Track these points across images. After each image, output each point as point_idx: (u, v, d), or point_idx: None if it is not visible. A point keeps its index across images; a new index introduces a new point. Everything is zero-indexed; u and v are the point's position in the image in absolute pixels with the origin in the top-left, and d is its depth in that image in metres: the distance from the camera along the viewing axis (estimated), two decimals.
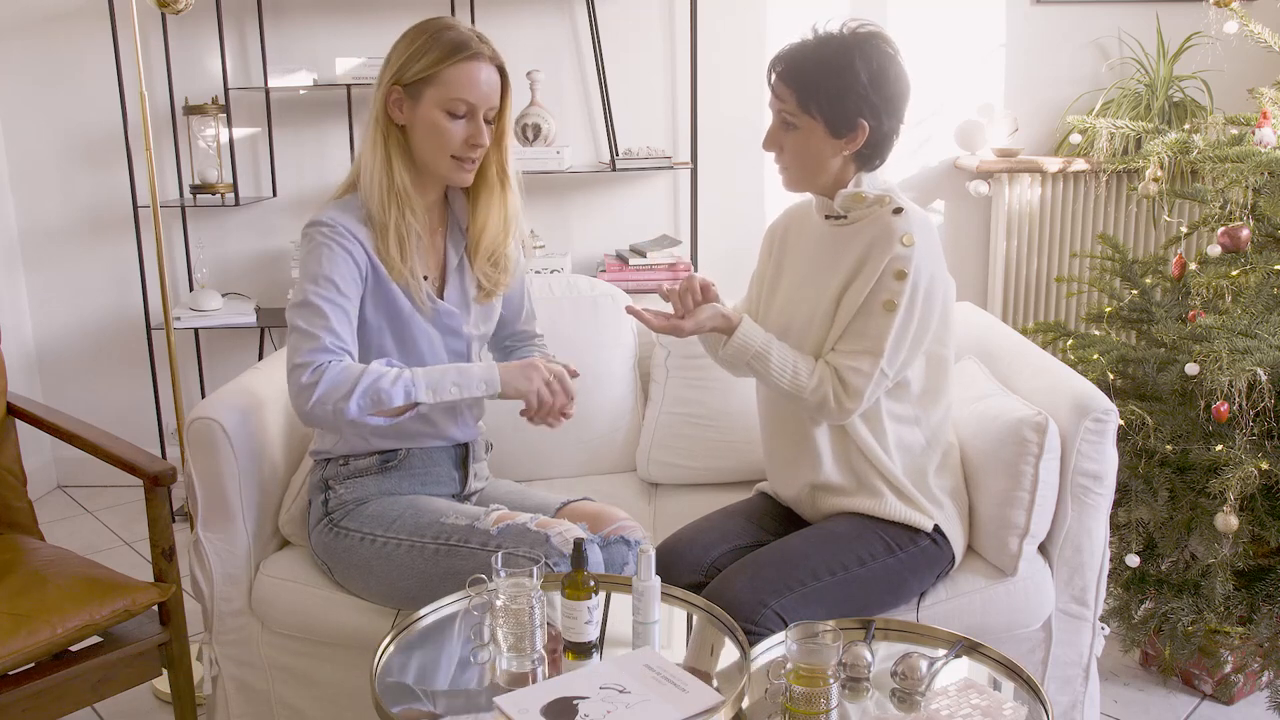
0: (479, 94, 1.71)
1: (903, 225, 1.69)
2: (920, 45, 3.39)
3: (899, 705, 1.41)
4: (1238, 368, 1.91)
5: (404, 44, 1.73)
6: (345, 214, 1.74)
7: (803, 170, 1.74)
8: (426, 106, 1.70)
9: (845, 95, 1.66)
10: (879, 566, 1.72)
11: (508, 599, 1.43)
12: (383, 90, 1.72)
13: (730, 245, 3.48)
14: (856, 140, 1.69)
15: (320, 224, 1.72)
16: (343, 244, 1.70)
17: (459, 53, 1.69)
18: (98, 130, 3.41)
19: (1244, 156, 2.19)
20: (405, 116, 1.72)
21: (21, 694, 1.69)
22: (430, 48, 1.69)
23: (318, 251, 1.70)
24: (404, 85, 1.71)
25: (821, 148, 1.70)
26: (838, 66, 1.66)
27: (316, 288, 1.68)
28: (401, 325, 1.78)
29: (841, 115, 1.67)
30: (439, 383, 1.68)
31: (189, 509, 1.91)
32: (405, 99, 1.72)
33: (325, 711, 1.95)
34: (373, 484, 1.85)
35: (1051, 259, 3.41)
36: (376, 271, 1.74)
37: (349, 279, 1.70)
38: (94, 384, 3.60)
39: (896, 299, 1.66)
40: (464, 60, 1.69)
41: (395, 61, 1.72)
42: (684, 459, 2.29)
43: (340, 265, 1.69)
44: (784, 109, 1.71)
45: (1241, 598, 2.07)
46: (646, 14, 3.38)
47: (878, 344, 1.67)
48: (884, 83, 1.67)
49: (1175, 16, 3.31)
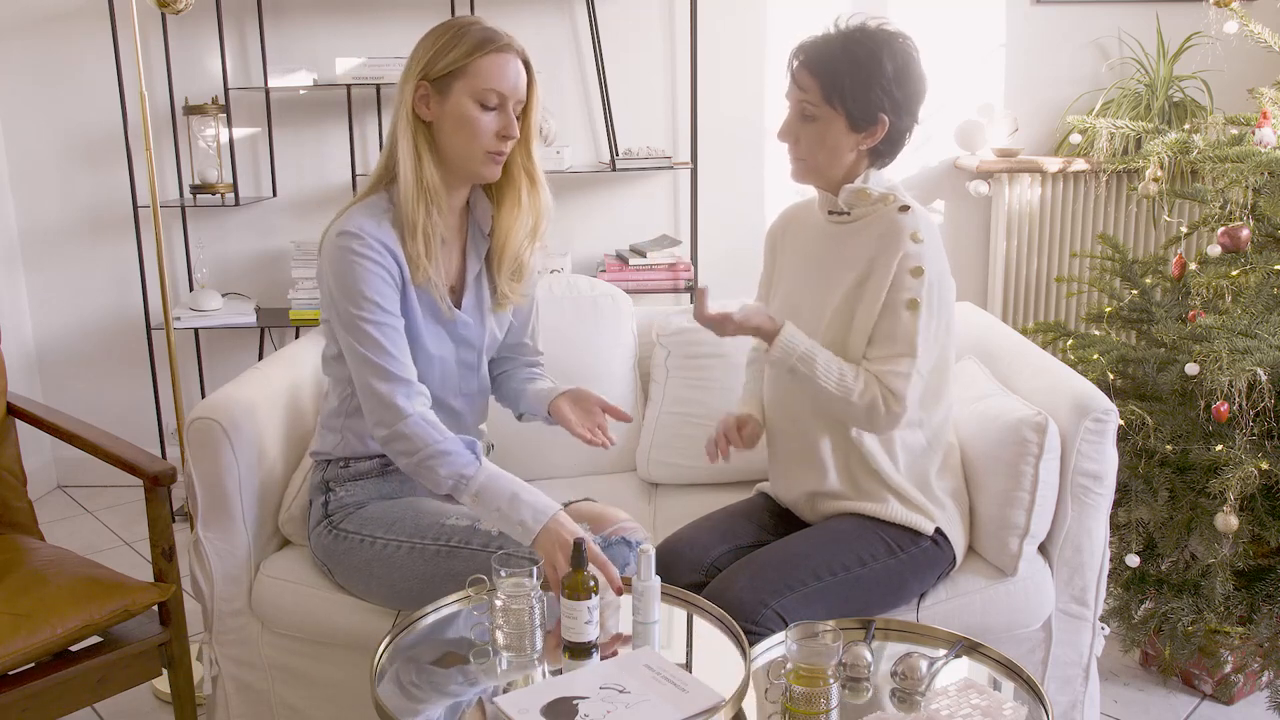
0: (509, 85, 1.70)
1: (911, 223, 1.69)
2: (920, 45, 3.38)
3: (899, 705, 1.41)
4: (1238, 368, 1.91)
5: (430, 39, 1.71)
6: (372, 218, 1.71)
7: (818, 162, 1.73)
8: (457, 98, 1.69)
9: (870, 89, 1.66)
10: (879, 567, 1.72)
11: (508, 599, 1.44)
12: (411, 86, 1.70)
13: (730, 245, 3.48)
14: (875, 135, 1.69)
15: (352, 236, 1.68)
16: (378, 259, 1.68)
17: (489, 44, 1.69)
18: (98, 130, 3.41)
19: (1244, 156, 2.19)
20: (433, 112, 1.71)
21: (21, 694, 1.69)
22: (458, 41, 1.68)
23: (355, 269, 1.67)
24: (432, 80, 1.69)
25: (840, 140, 1.70)
26: (865, 60, 1.66)
27: (363, 312, 1.67)
28: (417, 334, 1.76)
29: (864, 109, 1.67)
30: (481, 504, 1.64)
31: (189, 509, 1.91)
32: (433, 94, 1.70)
33: (325, 711, 1.95)
34: (373, 487, 1.85)
35: (1051, 259, 3.41)
36: (404, 279, 1.73)
37: (389, 296, 1.69)
38: (94, 384, 3.60)
39: (919, 296, 1.67)
40: (494, 52, 1.69)
41: (422, 57, 1.70)
42: (684, 459, 2.29)
43: (380, 284, 1.68)
44: (805, 99, 1.70)
45: (1241, 598, 2.07)
46: (646, 14, 3.38)
47: (910, 345, 1.67)
48: (907, 79, 1.68)
49: (1175, 16, 3.31)
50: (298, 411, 2.11)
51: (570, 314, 2.34)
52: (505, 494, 1.62)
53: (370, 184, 1.79)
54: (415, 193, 1.70)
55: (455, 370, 1.85)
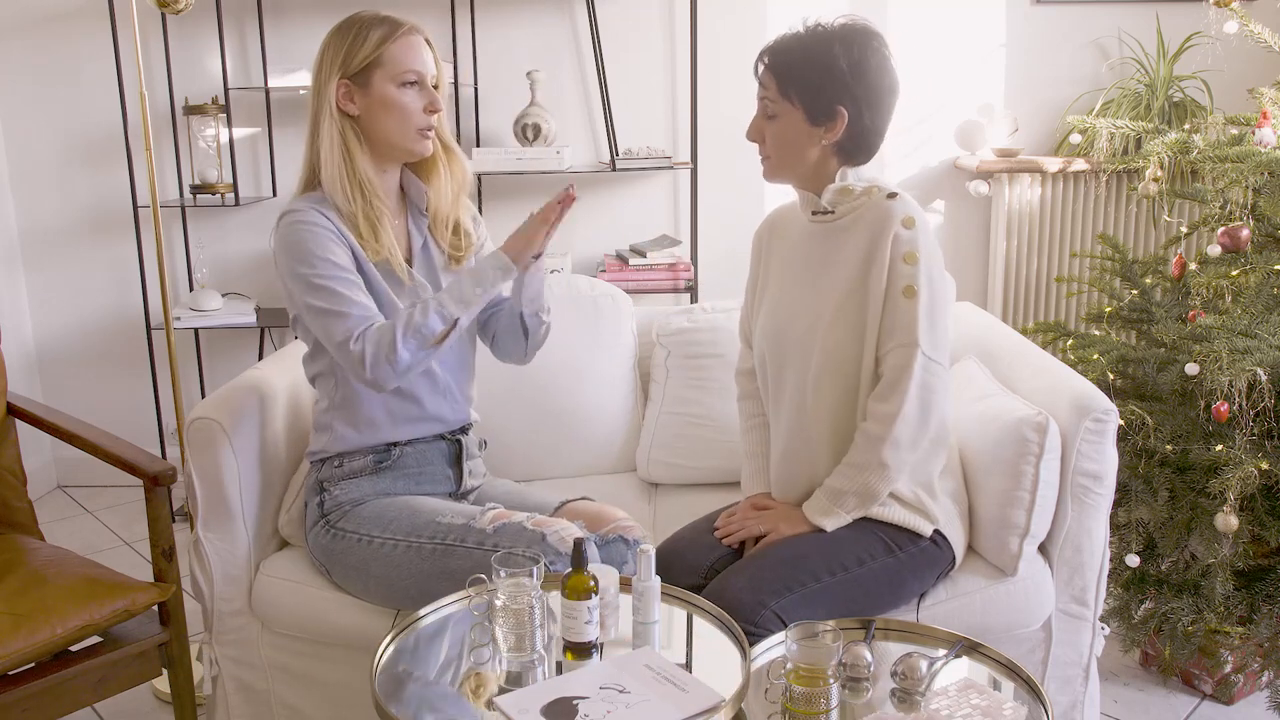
0: (424, 63, 1.80)
1: (901, 209, 1.69)
2: (920, 45, 3.39)
3: (899, 705, 1.41)
4: (1238, 368, 1.91)
5: (337, 41, 1.79)
6: (314, 205, 1.79)
7: (781, 159, 1.74)
8: (379, 87, 1.77)
9: (823, 81, 1.67)
10: (879, 567, 1.72)
11: (508, 599, 1.43)
12: (331, 87, 1.77)
13: (730, 245, 3.47)
14: (835, 130, 1.69)
15: (293, 211, 1.77)
16: (324, 224, 1.76)
17: (397, 30, 1.79)
18: (98, 130, 3.41)
19: (1244, 156, 2.18)
20: (358, 105, 1.78)
21: (21, 694, 1.69)
22: (367, 34, 1.77)
23: (301, 236, 1.75)
24: (351, 76, 1.77)
25: (799, 135, 1.71)
26: (817, 53, 1.67)
27: (317, 270, 1.74)
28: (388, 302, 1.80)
29: (819, 102, 1.68)
30: (464, 293, 1.74)
31: (189, 509, 1.91)
32: (355, 88, 1.78)
33: (325, 711, 1.95)
34: (368, 485, 1.85)
35: (1051, 259, 3.41)
36: (356, 255, 1.79)
37: (342, 255, 1.76)
38: (94, 384, 3.60)
39: (915, 283, 1.67)
40: (403, 35, 1.79)
41: (334, 57, 1.78)
42: (684, 459, 2.29)
43: (329, 244, 1.75)
44: (766, 96, 1.72)
45: (1241, 598, 2.07)
46: (646, 14, 3.38)
47: (910, 334, 1.67)
48: (864, 72, 1.68)
49: (1175, 16, 3.31)
50: (298, 411, 2.11)
51: (570, 314, 2.34)
52: (465, 280, 1.75)
53: (300, 188, 1.87)
54: (349, 185, 1.78)
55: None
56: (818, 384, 1.74)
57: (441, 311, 1.72)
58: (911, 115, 3.43)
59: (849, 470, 1.72)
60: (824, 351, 1.73)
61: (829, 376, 1.73)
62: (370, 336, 1.70)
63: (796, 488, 1.83)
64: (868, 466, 1.70)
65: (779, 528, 1.76)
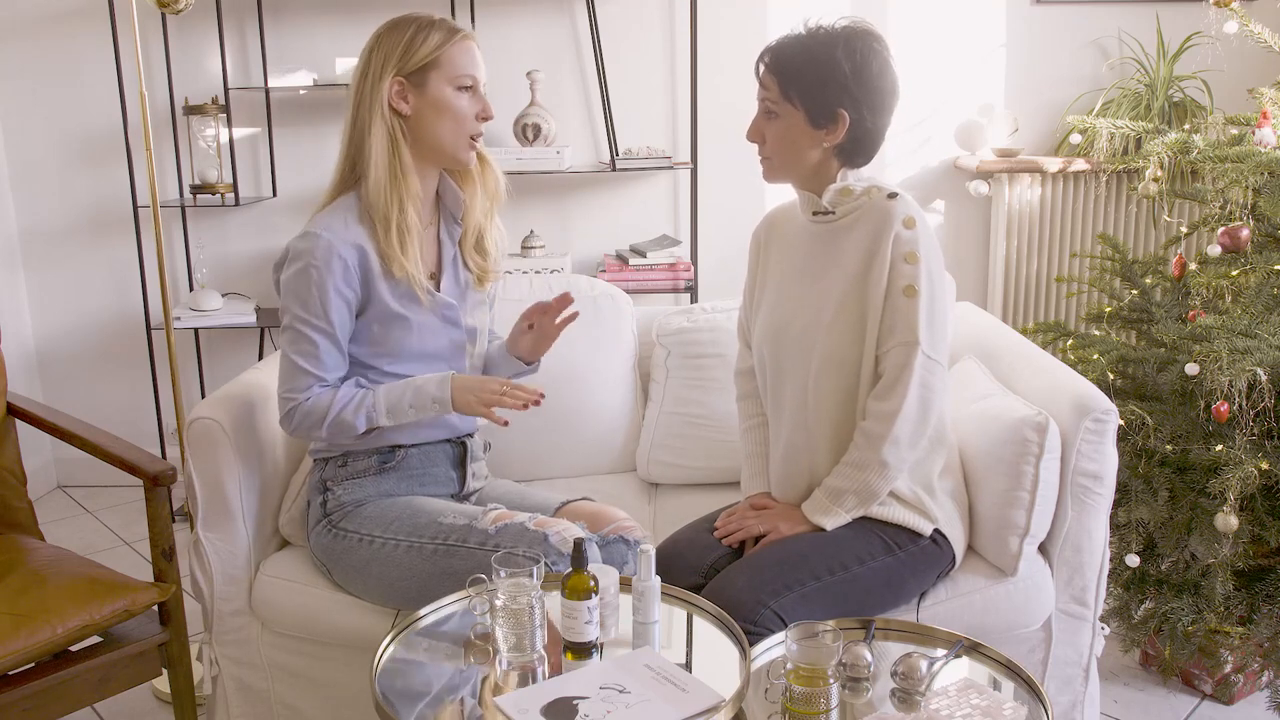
0: (480, 69, 1.80)
1: (901, 209, 1.69)
2: (920, 45, 3.39)
3: (899, 705, 1.41)
4: (1238, 368, 1.91)
5: (394, 37, 1.76)
6: (339, 217, 1.76)
7: (782, 160, 1.74)
8: (436, 88, 1.75)
9: (825, 84, 1.67)
10: (879, 566, 1.72)
11: (508, 599, 1.43)
12: (385, 84, 1.74)
13: (730, 245, 3.47)
14: (837, 132, 1.69)
15: (314, 237, 1.74)
16: (332, 264, 1.73)
17: (455, 33, 1.78)
18: (98, 130, 3.41)
19: (1244, 156, 2.18)
20: (412, 105, 1.76)
21: (21, 694, 1.69)
22: (426, 34, 1.75)
23: (306, 275, 1.73)
24: (407, 75, 1.74)
25: (800, 138, 1.71)
26: (820, 55, 1.67)
27: (306, 314, 1.75)
28: (404, 322, 1.80)
29: (821, 104, 1.68)
30: (397, 406, 1.77)
31: (189, 509, 1.91)
32: (409, 88, 1.75)
33: (325, 711, 1.95)
34: (371, 485, 1.85)
35: (1051, 259, 3.41)
36: (370, 272, 1.76)
37: (338, 303, 1.75)
38: (94, 384, 3.60)
39: (915, 283, 1.67)
40: (461, 40, 1.78)
41: (391, 55, 1.75)
42: (684, 459, 2.29)
43: (332, 297, 1.74)
44: (767, 97, 1.72)
45: (1241, 598, 2.07)
46: (646, 14, 3.38)
47: (910, 333, 1.67)
48: (866, 75, 1.68)
49: (1175, 16, 3.31)
50: None
51: None
52: (408, 393, 1.76)
53: (333, 189, 1.84)
54: (389, 187, 1.75)
55: (446, 350, 1.88)
56: (817, 383, 1.74)
57: (371, 415, 1.76)
58: (911, 115, 3.43)
59: (848, 469, 1.72)
60: (824, 351, 1.73)
61: (829, 376, 1.73)
62: (304, 407, 1.76)
63: (796, 487, 1.83)
64: (867, 465, 1.70)
65: (779, 527, 1.76)
